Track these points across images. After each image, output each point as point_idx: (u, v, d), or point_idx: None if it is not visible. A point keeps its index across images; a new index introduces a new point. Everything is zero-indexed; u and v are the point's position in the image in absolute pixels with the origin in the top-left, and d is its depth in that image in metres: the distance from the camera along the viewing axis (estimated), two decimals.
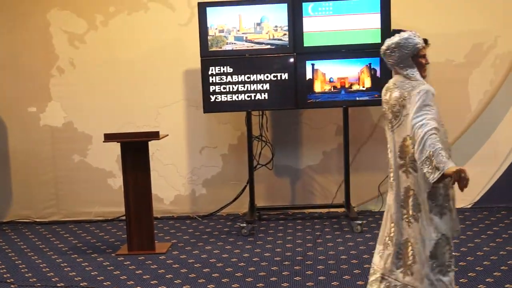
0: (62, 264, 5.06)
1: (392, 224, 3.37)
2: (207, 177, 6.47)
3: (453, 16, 6.13)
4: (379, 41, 5.63)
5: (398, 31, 3.42)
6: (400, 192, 3.33)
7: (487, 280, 4.23)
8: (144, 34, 6.32)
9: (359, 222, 5.61)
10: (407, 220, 3.30)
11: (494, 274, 4.33)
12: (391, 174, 3.41)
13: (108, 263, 5.03)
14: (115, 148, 5.39)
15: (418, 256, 3.26)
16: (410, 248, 3.29)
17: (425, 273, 3.21)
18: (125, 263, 5.01)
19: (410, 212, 3.28)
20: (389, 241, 3.38)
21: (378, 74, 5.68)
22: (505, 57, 6.15)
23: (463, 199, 6.24)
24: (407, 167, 3.27)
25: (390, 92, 3.38)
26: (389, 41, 3.38)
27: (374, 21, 5.65)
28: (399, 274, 3.34)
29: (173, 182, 6.47)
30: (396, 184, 3.36)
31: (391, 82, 3.42)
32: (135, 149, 5.20)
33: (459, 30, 6.14)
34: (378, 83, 5.68)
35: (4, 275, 4.82)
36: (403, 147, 3.30)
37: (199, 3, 5.76)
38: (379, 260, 3.44)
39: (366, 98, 5.73)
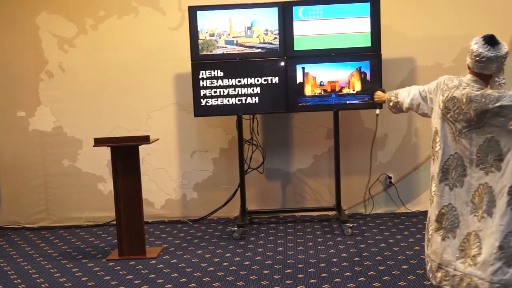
0: (52, 270, 5.02)
1: (457, 217, 3.54)
2: (198, 181, 6.46)
3: (442, 20, 6.17)
4: (369, 44, 5.67)
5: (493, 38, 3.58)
6: (472, 188, 3.49)
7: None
8: (134, 38, 6.32)
9: (350, 225, 5.63)
10: (477, 214, 3.46)
11: None
12: (457, 171, 3.56)
13: (98, 268, 5.00)
14: (105, 152, 5.37)
15: (486, 247, 3.39)
16: (476, 240, 3.45)
17: (491, 263, 3.36)
18: (115, 268, 4.99)
19: (484, 207, 3.43)
20: (450, 233, 3.56)
21: (368, 77, 5.70)
22: None
23: None
24: (488, 165, 3.42)
25: (471, 94, 3.54)
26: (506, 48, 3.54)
27: (364, 25, 5.67)
28: (459, 264, 3.51)
29: (164, 186, 6.46)
30: (467, 180, 3.51)
31: (466, 83, 3.61)
32: (125, 154, 5.19)
33: (447, 34, 6.18)
34: (368, 86, 5.71)
35: None
36: (486, 146, 3.46)
37: (189, 7, 5.76)
38: (436, 250, 3.63)
39: (357, 101, 5.75)
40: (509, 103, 3.38)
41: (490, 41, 3.57)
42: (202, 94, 5.78)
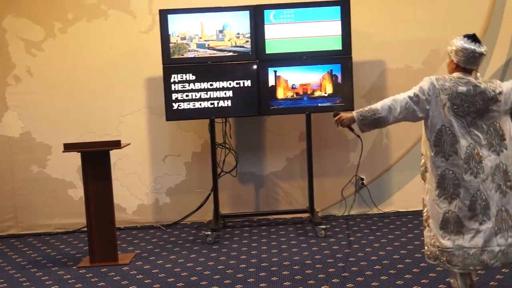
0: (21, 279, 4.92)
1: (487, 200, 3.74)
2: (171, 186, 6.42)
3: (411, 23, 6.25)
4: (340, 48, 5.72)
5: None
6: (491, 170, 3.75)
7: (447, 280, 4.29)
8: (104, 42, 6.25)
9: (323, 227, 5.65)
10: (501, 190, 3.75)
11: None
12: (475, 160, 3.76)
13: (69, 276, 4.93)
14: (76, 158, 5.29)
15: None
16: (506, 214, 3.74)
17: None
18: (87, 275, 4.92)
19: (502, 182, 3.75)
20: (485, 216, 3.73)
21: (339, 80, 5.74)
22: None
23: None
24: (498, 146, 3.76)
25: (474, 87, 3.79)
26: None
27: (335, 28, 5.71)
28: (500, 240, 3.74)
29: (136, 191, 6.40)
30: (485, 165, 3.75)
31: (462, 79, 3.86)
32: (96, 159, 5.13)
33: (416, 37, 6.26)
34: (340, 89, 5.75)
35: None
36: (492, 130, 3.78)
37: (160, 10, 5.73)
38: (478, 236, 3.74)
39: (328, 104, 5.78)
40: (504, 89, 3.78)
41: (475, 39, 3.86)
42: (174, 98, 5.74)
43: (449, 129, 3.77)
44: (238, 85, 5.74)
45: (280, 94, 5.76)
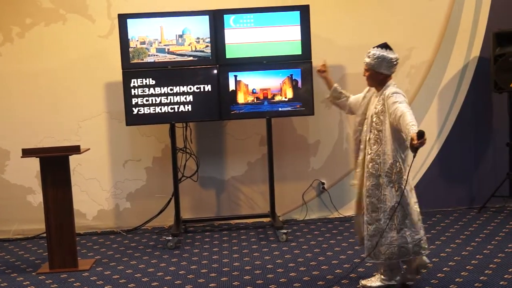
0: None
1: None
2: (131, 191, 6.38)
3: (371, 28, 6.33)
4: (299, 52, 5.77)
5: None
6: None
7: (407, 283, 4.36)
8: (63, 46, 6.18)
9: (284, 231, 5.68)
10: (396, 189, 4.04)
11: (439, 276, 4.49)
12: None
13: (28, 283, 4.86)
14: (34, 163, 5.23)
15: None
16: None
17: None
18: (46, 281, 4.85)
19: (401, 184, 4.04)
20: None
21: (299, 85, 5.79)
22: (419, 67, 6.41)
23: None
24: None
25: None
26: None
27: (294, 33, 5.77)
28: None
29: (96, 197, 6.34)
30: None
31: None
32: (55, 164, 5.07)
33: (376, 42, 6.28)
34: (300, 94, 5.80)
35: None
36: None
37: (119, 15, 5.70)
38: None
39: (289, 108, 5.82)
40: None
41: (390, 47, 4.18)
42: (134, 103, 5.72)
43: None
44: (198, 90, 5.74)
45: (241, 98, 5.78)
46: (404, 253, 4.07)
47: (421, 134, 3.68)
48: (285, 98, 5.81)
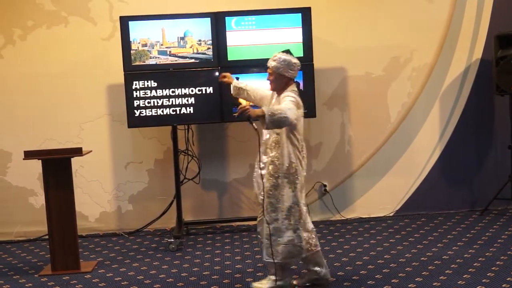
0: None
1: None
2: (133, 193, 6.38)
3: (372, 30, 6.35)
4: (301, 54, 5.76)
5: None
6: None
7: (409, 286, 4.36)
8: (65, 49, 6.20)
9: None
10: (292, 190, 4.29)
11: (416, 279, 4.48)
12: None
13: (31, 285, 4.86)
14: (37, 165, 5.23)
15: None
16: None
17: None
18: (49, 283, 4.86)
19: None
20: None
21: (301, 87, 5.79)
22: (421, 70, 6.41)
23: (385, 208, 6.45)
24: None
25: None
26: None
27: (296, 35, 5.77)
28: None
29: (98, 199, 6.35)
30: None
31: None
32: (57, 166, 5.08)
33: (377, 44, 6.36)
34: (302, 96, 5.75)
35: None
36: None
37: (121, 17, 5.71)
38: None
39: None
40: None
41: (292, 53, 4.38)
42: (135, 105, 5.73)
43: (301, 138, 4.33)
44: (200, 92, 5.75)
45: (243, 101, 5.76)
46: (299, 252, 4.27)
47: (247, 116, 4.03)
48: None
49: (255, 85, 4.69)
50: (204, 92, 5.75)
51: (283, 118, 3.99)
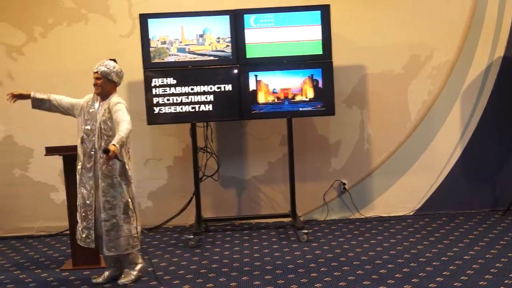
0: (4, 281, 4.90)
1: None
2: (153, 190, 6.41)
3: (392, 28, 6.30)
4: (320, 52, 5.75)
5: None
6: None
7: (430, 285, 4.33)
8: (84, 46, 6.23)
9: (305, 231, 5.66)
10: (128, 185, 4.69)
11: (437, 279, 4.44)
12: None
13: (52, 279, 4.91)
14: (58, 161, 5.28)
15: None
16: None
17: None
18: (70, 278, 4.90)
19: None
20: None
21: (320, 85, 5.77)
22: (441, 68, 6.35)
23: (405, 207, 6.40)
24: None
25: None
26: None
27: (315, 33, 5.75)
28: None
29: None
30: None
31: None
32: None
33: (397, 42, 6.31)
34: (321, 93, 5.78)
35: None
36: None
37: (140, 15, 5.73)
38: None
39: (309, 108, 5.81)
40: None
41: (116, 62, 4.74)
42: (155, 102, 5.75)
43: None
44: (219, 90, 5.75)
45: (261, 98, 5.78)
46: (136, 243, 4.65)
47: (105, 150, 4.26)
48: (306, 98, 5.79)
49: (59, 95, 4.84)
50: (223, 89, 5.75)
51: (128, 135, 4.48)
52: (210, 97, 5.75)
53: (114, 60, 4.72)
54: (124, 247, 4.59)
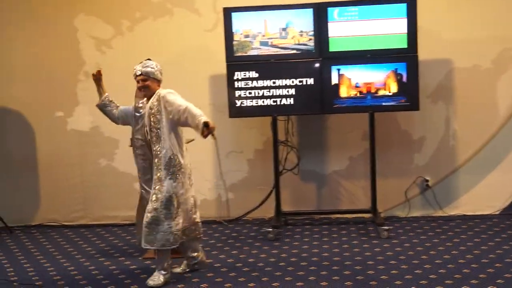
0: (90, 267, 5.11)
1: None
2: (233, 182, 6.49)
3: (479, 21, 6.08)
4: (405, 46, 5.63)
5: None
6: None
7: None
8: (169, 40, 6.37)
9: (386, 228, 5.57)
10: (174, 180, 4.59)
11: None
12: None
13: (135, 267, 5.06)
14: None
15: None
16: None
17: None
18: (152, 266, 5.02)
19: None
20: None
21: (404, 79, 5.65)
22: None
23: (491, 205, 6.18)
24: None
25: None
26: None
27: (400, 26, 5.62)
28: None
29: (198, 186, 6.40)
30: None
31: None
32: None
33: (486, 35, 6.08)
34: (405, 88, 5.66)
35: (33, 278, 4.89)
36: None
37: (224, 8, 5.79)
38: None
39: (393, 103, 5.70)
40: None
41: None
42: (237, 95, 5.80)
43: None
44: (301, 83, 5.73)
45: (343, 92, 5.72)
46: (176, 240, 4.54)
47: (206, 124, 4.32)
48: (389, 92, 5.69)
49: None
50: (304, 83, 5.73)
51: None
52: (292, 91, 5.75)
53: (149, 59, 4.82)
54: (161, 242, 4.52)
